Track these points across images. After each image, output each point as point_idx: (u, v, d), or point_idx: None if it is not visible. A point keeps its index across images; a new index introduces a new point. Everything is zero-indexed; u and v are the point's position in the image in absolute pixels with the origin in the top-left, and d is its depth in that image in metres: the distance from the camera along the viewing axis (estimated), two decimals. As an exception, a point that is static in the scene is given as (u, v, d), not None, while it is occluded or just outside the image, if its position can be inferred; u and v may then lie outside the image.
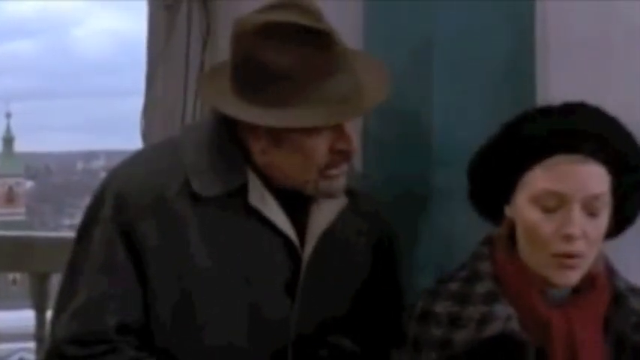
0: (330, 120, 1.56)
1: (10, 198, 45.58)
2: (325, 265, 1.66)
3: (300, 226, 1.65)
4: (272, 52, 1.54)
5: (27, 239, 3.82)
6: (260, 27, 1.54)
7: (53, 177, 63.04)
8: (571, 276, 1.52)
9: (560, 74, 1.84)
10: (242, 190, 1.60)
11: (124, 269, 1.58)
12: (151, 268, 1.58)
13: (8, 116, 47.35)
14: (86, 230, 1.63)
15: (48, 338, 1.67)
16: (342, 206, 1.67)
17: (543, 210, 1.51)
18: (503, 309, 1.52)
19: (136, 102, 2.91)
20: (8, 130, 46.47)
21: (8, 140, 46.62)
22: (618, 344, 1.56)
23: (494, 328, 1.50)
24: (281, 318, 1.64)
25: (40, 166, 62.68)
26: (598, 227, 1.51)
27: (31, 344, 3.80)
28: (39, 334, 3.50)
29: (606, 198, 1.52)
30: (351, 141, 1.59)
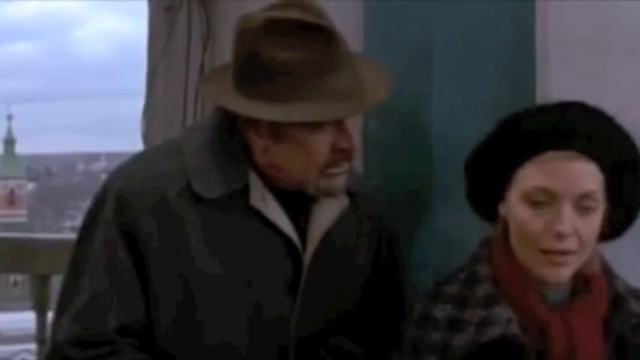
0: (334, 115, 1.57)
1: (12, 200, 45.62)
2: (326, 266, 1.66)
3: (301, 228, 1.65)
4: (275, 48, 1.54)
5: (28, 241, 3.80)
6: (263, 23, 1.55)
7: (54, 179, 63.08)
8: (562, 272, 1.50)
9: (560, 74, 1.83)
10: (243, 192, 1.60)
11: (126, 270, 1.58)
12: (153, 269, 1.58)
13: (10, 118, 47.38)
14: (87, 231, 1.63)
15: (49, 340, 1.67)
16: (343, 207, 1.67)
17: (534, 207, 1.50)
18: (502, 312, 1.51)
19: (137, 104, 2.91)
20: (9, 132, 46.50)
21: (9, 142, 46.65)
22: (618, 346, 1.55)
23: (494, 332, 1.49)
24: (282, 318, 1.64)
25: (41, 168, 62.73)
26: (590, 225, 1.50)
27: (33, 346, 3.80)
28: (40, 336, 3.49)
29: (598, 196, 1.50)
30: (352, 139, 1.60)
